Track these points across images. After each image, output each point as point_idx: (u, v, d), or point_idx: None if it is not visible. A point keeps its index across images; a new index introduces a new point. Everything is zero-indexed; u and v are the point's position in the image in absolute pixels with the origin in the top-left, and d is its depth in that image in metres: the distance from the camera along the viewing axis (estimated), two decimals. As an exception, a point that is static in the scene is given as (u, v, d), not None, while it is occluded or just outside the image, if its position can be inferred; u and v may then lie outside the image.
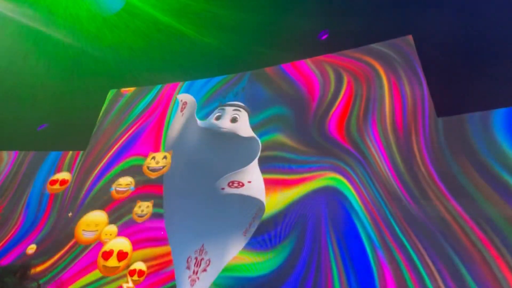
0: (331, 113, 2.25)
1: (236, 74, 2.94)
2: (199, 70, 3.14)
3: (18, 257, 2.49)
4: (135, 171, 2.71)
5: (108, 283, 2.18)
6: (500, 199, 1.59)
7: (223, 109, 2.52)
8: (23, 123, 3.30)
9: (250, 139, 2.36)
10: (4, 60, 3.23)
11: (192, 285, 1.91)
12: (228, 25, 3.08)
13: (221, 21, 3.12)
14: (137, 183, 2.61)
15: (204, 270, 1.94)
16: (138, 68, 3.46)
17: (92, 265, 2.29)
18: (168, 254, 2.15)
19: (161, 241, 2.23)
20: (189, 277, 1.95)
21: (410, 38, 2.28)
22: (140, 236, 2.32)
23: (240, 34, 3.08)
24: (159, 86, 3.29)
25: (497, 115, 1.80)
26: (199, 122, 2.62)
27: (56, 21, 3.21)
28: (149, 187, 2.55)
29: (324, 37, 2.68)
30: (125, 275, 2.16)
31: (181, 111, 2.83)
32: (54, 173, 2.92)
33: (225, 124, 2.42)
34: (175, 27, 3.21)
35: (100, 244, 2.37)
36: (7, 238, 2.62)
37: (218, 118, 2.48)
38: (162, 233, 2.25)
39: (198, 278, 1.92)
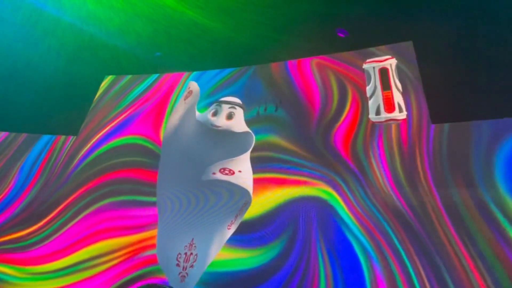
0: (336, 126, 2.26)
1: (243, 68, 2.92)
2: (209, 60, 3.08)
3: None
4: (132, 148, 2.72)
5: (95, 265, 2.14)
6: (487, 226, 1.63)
7: (219, 106, 2.58)
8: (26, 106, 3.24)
9: (244, 133, 2.43)
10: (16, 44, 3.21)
11: (182, 281, 1.94)
12: (240, 10, 2.99)
13: (230, 6, 3.02)
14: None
15: (192, 266, 1.97)
16: (144, 54, 3.39)
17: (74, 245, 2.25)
18: (141, 241, 2.16)
19: (134, 229, 2.24)
20: (179, 273, 1.97)
21: (411, 44, 2.30)
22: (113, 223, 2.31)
23: (252, 22, 3.01)
24: (156, 75, 3.25)
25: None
26: (197, 114, 2.62)
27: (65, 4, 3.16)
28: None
29: (342, 35, 2.63)
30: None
31: (185, 99, 2.81)
32: (46, 155, 2.88)
33: (220, 121, 2.47)
34: (182, 13, 3.12)
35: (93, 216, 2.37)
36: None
37: (214, 114, 2.54)
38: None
39: (187, 274, 1.95)
